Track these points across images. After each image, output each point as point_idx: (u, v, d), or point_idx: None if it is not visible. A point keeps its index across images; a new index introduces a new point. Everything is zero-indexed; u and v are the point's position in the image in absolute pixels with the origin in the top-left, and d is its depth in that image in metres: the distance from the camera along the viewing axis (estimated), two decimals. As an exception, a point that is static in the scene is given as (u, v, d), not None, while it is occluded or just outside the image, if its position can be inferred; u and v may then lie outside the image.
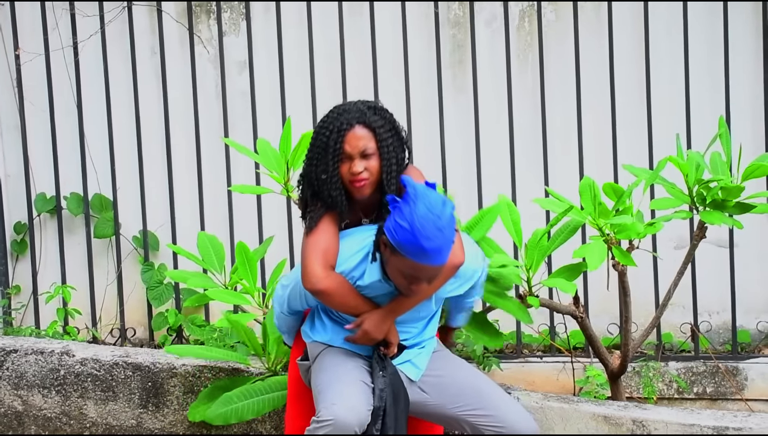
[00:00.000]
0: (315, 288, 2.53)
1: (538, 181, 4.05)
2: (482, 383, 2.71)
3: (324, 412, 2.49)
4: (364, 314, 2.59)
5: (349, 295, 2.56)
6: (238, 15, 4.33)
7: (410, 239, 2.39)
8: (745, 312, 4.05)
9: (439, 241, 2.40)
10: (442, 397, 2.68)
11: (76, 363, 3.55)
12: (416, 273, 2.46)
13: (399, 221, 2.41)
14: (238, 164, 4.17)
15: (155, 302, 4.26)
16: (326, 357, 2.66)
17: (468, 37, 4.14)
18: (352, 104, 2.62)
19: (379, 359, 2.62)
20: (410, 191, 2.43)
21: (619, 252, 3.07)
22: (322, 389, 2.57)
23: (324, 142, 2.57)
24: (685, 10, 3.98)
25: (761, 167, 3.12)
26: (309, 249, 2.55)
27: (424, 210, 2.39)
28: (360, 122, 2.57)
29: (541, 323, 4.13)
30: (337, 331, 2.68)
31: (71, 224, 4.43)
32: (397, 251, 2.43)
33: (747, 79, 4.02)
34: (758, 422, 2.98)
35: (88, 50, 4.32)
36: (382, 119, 2.60)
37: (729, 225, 3.15)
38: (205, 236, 3.42)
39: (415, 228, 2.38)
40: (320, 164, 2.57)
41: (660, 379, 3.97)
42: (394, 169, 2.59)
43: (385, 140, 2.58)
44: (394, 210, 2.44)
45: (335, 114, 2.60)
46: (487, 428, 2.63)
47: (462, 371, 2.74)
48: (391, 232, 2.42)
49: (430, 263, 2.42)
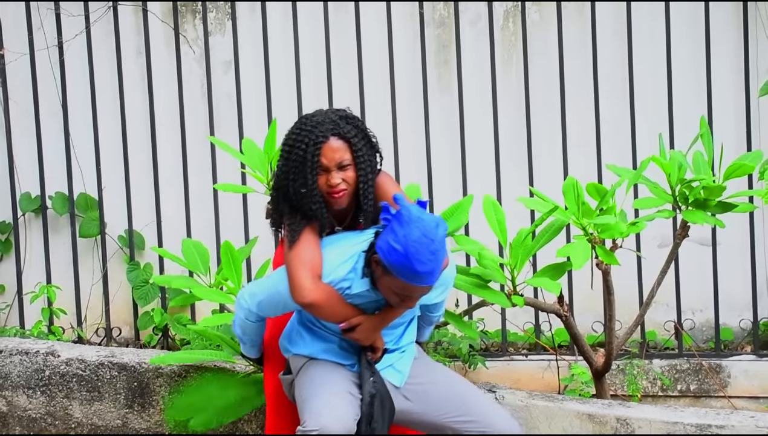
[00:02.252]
0: (305, 301, 2.53)
1: (522, 180, 4.07)
2: (465, 388, 2.72)
3: (310, 422, 2.48)
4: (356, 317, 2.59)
5: (338, 305, 2.56)
6: (224, 15, 4.33)
7: (404, 263, 2.40)
8: (728, 310, 4.08)
9: (433, 264, 2.42)
10: (426, 404, 2.68)
11: (61, 363, 3.54)
12: (408, 293, 2.48)
13: (392, 243, 2.41)
14: (223, 164, 4.17)
15: (141, 301, 4.26)
16: (310, 369, 2.66)
17: (453, 37, 4.15)
18: (324, 115, 2.61)
19: (368, 365, 2.63)
20: (404, 214, 2.42)
21: (603, 251, 3.09)
22: (307, 399, 2.57)
23: (301, 157, 2.56)
24: (667, 11, 4.01)
25: (743, 167, 3.15)
26: (295, 262, 2.55)
27: (418, 234, 2.39)
28: (335, 134, 2.56)
29: (527, 321, 4.15)
30: (318, 343, 2.68)
31: (56, 224, 4.42)
32: (389, 271, 2.44)
33: (729, 80, 4.05)
34: (740, 419, 3.01)
35: (73, 50, 4.32)
36: (355, 129, 2.60)
37: (711, 224, 3.19)
38: (190, 242, 3.41)
39: (409, 253, 2.39)
40: (298, 178, 2.57)
41: (644, 377, 4.00)
42: (370, 178, 2.61)
43: (360, 150, 2.58)
44: (388, 229, 2.44)
45: (308, 127, 2.58)
46: (473, 432, 2.64)
47: (444, 377, 2.74)
48: (384, 253, 2.43)
49: (422, 284, 2.44)
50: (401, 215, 2.43)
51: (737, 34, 4.02)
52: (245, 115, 4.20)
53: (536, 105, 4.12)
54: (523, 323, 4.16)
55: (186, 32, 4.34)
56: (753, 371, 3.98)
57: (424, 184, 4.06)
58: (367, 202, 2.60)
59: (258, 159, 3.25)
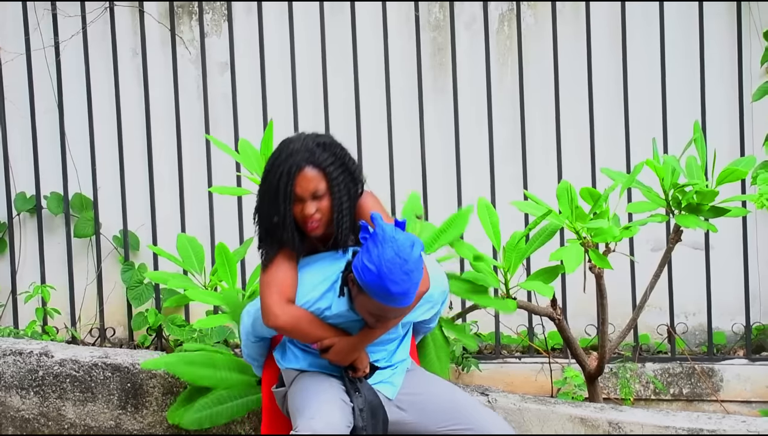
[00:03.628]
0: (274, 325, 2.54)
1: (517, 183, 4.08)
2: (460, 397, 2.71)
3: (302, 426, 2.48)
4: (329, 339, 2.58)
5: (310, 326, 2.56)
6: (220, 16, 4.33)
7: (377, 282, 2.38)
8: (721, 314, 4.10)
9: (406, 285, 2.39)
10: (421, 415, 2.67)
11: (54, 364, 3.55)
12: (383, 313, 2.47)
13: (366, 263, 2.39)
14: (219, 165, 4.17)
15: (135, 301, 4.26)
16: (302, 379, 2.66)
17: (448, 40, 4.16)
18: (301, 142, 2.56)
19: (350, 382, 2.63)
20: (378, 233, 2.40)
21: (596, 255, 3.10)
22: (299, 406, 2.57)
23: (275, 186, 2.54)
24: (661, 15, 4.02)
25: (735, 172, 3.16)
26: (264, 286, 2.56)
27: (391, 254, 2.36)
28: (309, 163, 2.53)
29: (520, 324, 4.16)
30: (309, 359, 2.68)
31: (51, 224, 4.42)
32: (364, 291, 2.43)
33: (722, 84, 4.07)
34: (732, 424, 3.02)
35: (69, 50, 4.32)
36: (332, 156, 2.55)
37: (704, 229, 3.20)
38: (185, 237, 3.43)
39: (382, 272, 2.36)
40: (272, 207, 2.55)
41: (637, 380, 4.01)
42: (345, 208, 2.57)
43: (335, 179, 2.54)
44: (363, 248, 2.42)
45: (284, 155, 2.55)
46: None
47: (438, 387, 2.73)
48: (359, 273, 2.41)
49: (396, 305, 2.42)
50: (376, 235, 2.40)
51: (730, 38, 4.03)
52: (241, 116, 4.21)
53: (531, 108, 4.13)
54: (517, 326, 4.17)
55: (182, 33, 4.34)
56: (745, 375, 4.00)
57: (418, 187, 4.07)
58: (341, 230, 2.58)
59: (254, 160, 3.26)
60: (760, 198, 3.63)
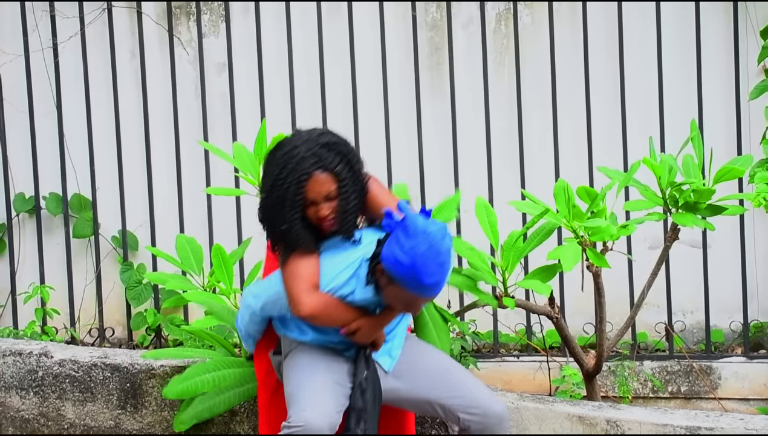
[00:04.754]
0: (303, 314, 2.56)
1: (514, 182, 4.09)
2: (454, 367, 2.75)
3: (294, 417, 2.52)
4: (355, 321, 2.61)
5: (336, 312, 2.58)
6: (218, 17, 4.34)
7: (410, 275, 2.40)
8: (719, 312, 4.10)
9: (439, 276, 2.43)
10: (414, 382, 2.71)
11: (54, 364, 3.55)
12: (413, 302, 2.50)
13: (399, 256, 2.40)
14: (217, 165, 4.18)
15: (134, 301, 4.27)
16: (298, 354, 2.68)
17: (445, 40, 4.17)
18: (306, 147, 2.54)
19: (365, 360, 2.65)
20: (410, 225, 2.40)
21: (593, 254, 3.11)
22: (293, 392, 2.60)
23: (282, 195, 2.54)
24: (658, 14, 4.03)
25: (732, 170, 3.17)
26: (289, 279, 2.57)
27: (425, 248, 2.38)
28: (318, 168, 2.53)
29: (518, 322, 4.17)
30: (315, 334, 2.69)
31: (50, 224, 4.43)
32: (395, 281, 2.44)
33: (719, 82, 4.07)
34: (730, 421, 3.02)
35: (67, 51, 4.32)
36: (338, 155, 2.56)
37: (701, 227, 3.21)
38: (184, 238, 3.44)
39: (416, 266, 2.39)
40: (278, 217, 2.56)
41: (635, 378, 4.01)
42: (355, 201, 2.59)
43: (344, 180, 2.56)
44: (393, 239, 2.42)
45: (292, 163, 2.53)
46: (461, 408, 2.67)
47: (433, 356, 2.78)
48: (391, 265, 2.42)
49: (428, 294, 2.46)
50: (407, 227, 2.41)
51: (727, 36, 4.04)
52: (239, 117, 4.22)
53: (528, 107, 4.14)
54: (515, 325, 4.18)
55: (180, 34, 4.35)
56: (743, 372, 4.01)
57: (416, 186, 4.07)
58: (352, 222, 2.60)
59: (249, 162, 3.27)
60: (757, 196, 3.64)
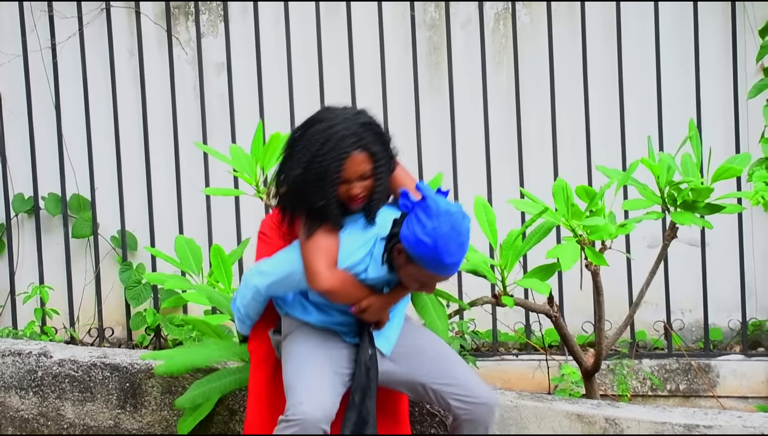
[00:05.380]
0: (322, 288, 2.56)
1: (513, 181, 4.09)
2: (448, 353, 2.77)
3: (292, 411, 2.55)
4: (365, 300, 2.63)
5: (353, 289, 2.60)
6: (216, 16, 4.34)
7: (432, 255, 2.44)
8: (717, 310, 4.11)
9: (460, 256, 2.47)
10: (410, 365, 2.73)
11: (53, 364, 3.56)
12: (430, 281, 2.53)
13: (421, 236, 2.43)
14: (216, 165, 4.18)
15: (133, 301, 4.27)
16: (298, 340, 2.69)
17: (444, 39, 4.18)
18: (345, 126, 2.55)
19: (370, 340, 2.66)
20: (432, 205, 2.44)
21: (592, 253, 3.12)
22: (291, 382, 2.62)
23: (322, 171, 2.54)
24: (656, 14, 4.03)
25: (730, 169, 3.18)
26: (311, 252, 2.57)
27: (447, 228, 2.42)
28: (357, 147, 2.54)
29: (517, 321, 4.17)
30: (320, 316, 2.71)
31: (49, 224, 4.43)
32: (415, 260, 2.47)
33: (717, 81, 4.08)
34: (728, 419, 3.03)
35: (66, 52, 4.33)
36: (375, 136, 2.58)
37: (699, 225, 3.21)
38: (183, 239, 3.44)
39: (438, 246, 2.42)
40: (316, 193, 2.55)
41: (634, 376, 4.02)
42: (384, 187, 2.61)
43: (380, 160, 2.58)
44: (413, 219, 2.45)
45: (333, 140, 2.53)
46: (452, 395, 2.70)
47: (429, 340, 2.80)
48: (411, 245, 2.45)
49: (447, 274, 2.50)
50: (428, 207, 2.45)
51: (725, 35, 4.05)
52: (238, 116, 4.22)
53: (527, 106, 4.15)
54: (514, 323, 4.18)
55: (179, 34, 4.35)
56: (741, 370, 4.02)
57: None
58: (377, 208, 2.62)
59: (246, 163, 3.28)
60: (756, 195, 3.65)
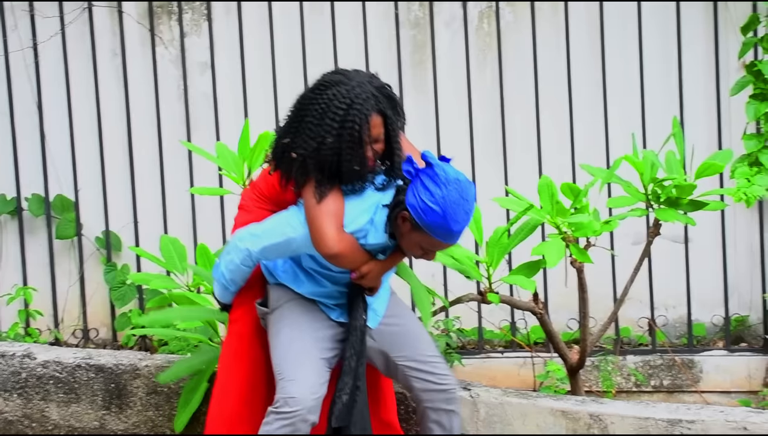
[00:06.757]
0: (332, 252, 2.55)
1: (498, 179, 4.11)
2: (422, 335, 2.80)
3: (282, 402, 2.56)
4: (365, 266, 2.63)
5: (357, 254, 2.60)
6: (200, 16, 4.33)
7: (440, 223, 2.48)
8: (700, 306, 4.14)
9: (466, 223, 2.52)
10: (385, 340, 2.76)
11: (37, 366, 3.54)
12: (435, 248, 2.57)
13: (429, 203, 2.47)
14: (200, 165, 4.17)
15: (118, 302, 4.26)
16: (286, 320, 2.69)
17: (428, 38, 4.18)
18: (362, 89, 2.54)
19: (363, 306, 2.68)
20: (440, 173, 2.48)
21: (577, 250, 3.13)
22: (281, 368, 2.63)
23: (357, 137, 2.53)
24: (639, 14, 4.05)
25: (713, 166, 3.20)
26: (322, 216, 2.56)
27: (456, 196, 2.47)
28: (375, 110, 2.56)
29: (502, 319, 4.19)
30: (311, 286, 2.71)
31: (32, 226, 4.41)
32: (421, 228, 2.50)
33: (700, 79, 4.10)
34: (710, 414, 3.05)
35: (48, 51, 4.30)
36: (387, 99, 2.59)
37: (683, 222, 3.23)
38: (168, 239, 3.43)
39: (447, 213, 2.47)
40: (354, 157, 2.55)
41: (618, 373, 4.04)
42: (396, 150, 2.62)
43: (392, 124, 2.60)
44: (419, 186, 2.49)
45: (359, 102, 2.53)
46: (416, 377, 2.73)
47: (407, 319, 2.82)
48: (420, 212, 2.49)
49: (453, 241, 2.54)
50: (437, 175, 2.48)
51: (707, 34, 4.07)
52: (222, 116, 4.21)
53: (511, 105, 4.16)
54: (499, 321, 4.20)
55: (162, 33, 4.34)
56: (724, 365, 4.05)
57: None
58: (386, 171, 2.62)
59: (232, 162, 3.27)
60: (738, 191, 3.68)
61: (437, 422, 2.74)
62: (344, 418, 2.64)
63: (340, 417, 2.63)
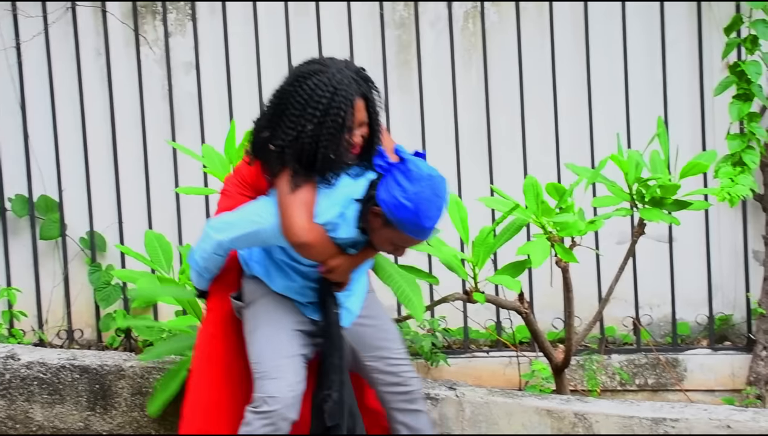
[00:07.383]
0: (300, 241, 2.53)
1: (484, 179, 4.11)
2: (392, 335, 2.81)
3: (260, 402, 2.57)
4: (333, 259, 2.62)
5: (326, 245, 2.59)
6: (184, 16, 4.31)
7: (412, 220, 2.47)
8: (685, 305, 4.16)
9: (437, 220, 2.51)
10: (357, 343, 2.76)
11: (21, 367, 3.52)
12: (406, 244, 2.56)
13: (401, 200, 2.46)
14: (185, 165, 4.16)
15: (103, 303, 4.24)
16: (261, 315, 2.68)
17: (413, 38, 4.19)
18: (342, 75, 2.55)
19: (334, 303, 2.67)
20: (413, 169, 2.47)
21: (562, 249, 3.15)
22: (258, 368, 2.63)
23: (339, 123, 2.52)
24: (623, 14, 4.07)
25: (697, 166, 3.23)
26: (293, 205, 2.54)
27: (429, 193, 2.46)
28: (358, 94, 2.56)
29: (488, 318, 4.19)
30: (281, 280, 2.70)
31: (16, 226, 4.38)
32: (392, 224, 2.49)
33: (684, 79, 4.12)
34: (694, 412, 3.08)
35: (31, 51, 4.28)
36: (366, 83, 2.60)
37: (667, 222, 3.26)
38: (153, 234, 3.43)
39: (420, 210, 2.46)
40: (331, 144, 2.53)
41: (603, 372, 4.06)
42: (380, 136, 2.63)
43: (373, 106, 2.61)
44: (392, 182, 2.47)
45: (342, 88, 2.52)
46: (378, 371, 2.75)
47: (382, 321, 2.83)
48: (391, 209, 2.48)
49: (424, 238, 2.53)
50: (409, 170, 2.47)
51: (691, 34, 4.09)
52: (207, 116, 4.20)
53: (496, 104, 4.17)
54: (485, 321, 4.21)
55: (146, 33, 4.32)
56: (708, 364, 4.07)
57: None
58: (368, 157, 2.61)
59: (219, 163, 3.27)
60: (722, 191, 3.70)
61: (403, 424, 2.76)
62: (337, 416, 2.64)
63: (333, 415, 2.63)
